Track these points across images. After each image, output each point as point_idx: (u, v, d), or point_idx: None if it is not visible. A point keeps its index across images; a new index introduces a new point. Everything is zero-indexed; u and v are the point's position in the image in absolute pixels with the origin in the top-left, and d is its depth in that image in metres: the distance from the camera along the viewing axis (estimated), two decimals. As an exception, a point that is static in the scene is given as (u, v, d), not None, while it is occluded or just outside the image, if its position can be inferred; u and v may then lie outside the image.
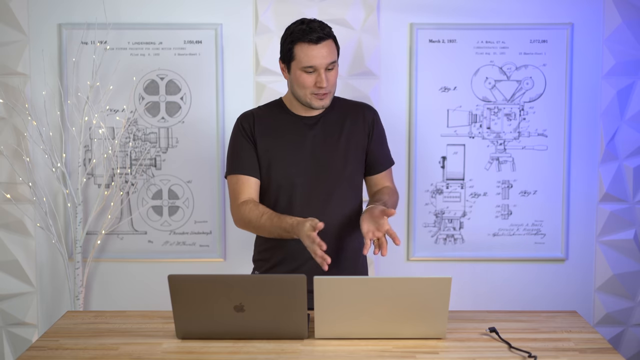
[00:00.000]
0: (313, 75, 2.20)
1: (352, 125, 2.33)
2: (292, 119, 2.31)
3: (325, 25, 2.22)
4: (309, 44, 2.17)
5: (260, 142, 2.29)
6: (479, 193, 3.12)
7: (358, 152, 2.33)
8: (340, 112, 2.34)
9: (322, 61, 2.18)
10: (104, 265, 3.15)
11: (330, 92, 2.24)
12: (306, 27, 2.18)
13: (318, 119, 2.31)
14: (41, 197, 3.05)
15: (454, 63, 3.06)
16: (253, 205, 2.26)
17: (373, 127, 2.35)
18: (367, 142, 2.34)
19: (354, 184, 2.34)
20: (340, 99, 2.39)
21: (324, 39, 2.18)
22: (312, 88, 2.20)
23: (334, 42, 2.23)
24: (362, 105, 2.40)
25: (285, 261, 2.30)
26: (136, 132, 3.08)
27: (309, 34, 2.17)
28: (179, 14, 3.04)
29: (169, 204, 3.12)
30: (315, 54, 2.17)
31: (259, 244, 2.40)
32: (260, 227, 2.23)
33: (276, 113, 2.33)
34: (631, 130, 3.09)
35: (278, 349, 1.85)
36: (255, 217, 2.23)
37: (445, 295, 1.84)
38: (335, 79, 2.24)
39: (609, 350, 1.87)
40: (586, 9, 3.04)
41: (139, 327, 2.03)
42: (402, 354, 1.82)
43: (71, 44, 3.03)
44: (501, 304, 3.12)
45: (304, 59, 2.18)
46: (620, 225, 3.13)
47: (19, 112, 3.03)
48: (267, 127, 2.30)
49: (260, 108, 2.38)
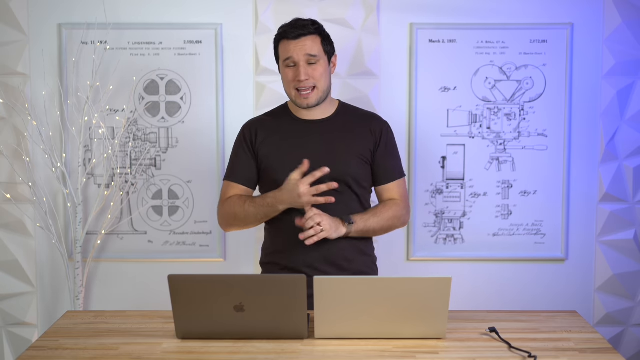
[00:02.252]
0: (293, 70, 2.25)
1: (358, 133, 2.32)
2: (295, 123, 2.33)
3: (310, 24, 2.26)
4: (288, 40, 2.25)
5: (262, 149, 2.31)
6: (479, 193, 3.12)
7: (362, 161, 2.31)
8: (346, 119, 2.34)
9: (300, 53, 2.22)
10: (104, 265, 3.15)
11: (317, 89, 2.25)
12: (289, 25, 2.27)
13: (322, 123, 2.32)
14: (41, 197, 3.05)
15: (454, 63, 3.06)
16: (236, 198, 2.29)
17: (381, 137, 2.34)
18: (372, 151, 2.33)
19: (357, 191, 2.32)
20: (349, 106, 2.40)
21: (303, 35, 2.24)
22: (294, 82, 2.24)
23: (321, 39, 2.27)
24: (372, 116, 2.40)
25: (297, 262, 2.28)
26: (136, 132, 3.08)
27: (289, 30, 2.25)
28: (179, 14, 3.04)
29: (169, 204, 3.12)
30: (293, 47, 2.24)
31: (266, 247, 2.40)
32: (246, 215, 2.25)
33: (281, 118, 2.36)
34: (631, 130, 3.09)
35: (278, 349, 1.85)
36: (239, 206, 2.26)
37: (445, 295, 1.84)
38: (319, 75, 2.25)
39: (609, 350, 1.87)
40: (586, 9, 3.04)
41: (139, 327, 2.03)
42: (402, 354, 1.82)
43: (71, 44, 3.03)
44: (501, 304, 3.12)
45: (283, 53, 2.26)
46: (620, 225, 3.13)
47: (19, 112, 3.03)
48: (271, 132, 2.32)
49: (265, 114, 2.42)
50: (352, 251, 2.30)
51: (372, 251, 2.41)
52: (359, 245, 2.32)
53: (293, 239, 2.19)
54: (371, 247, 2.41)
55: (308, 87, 2.24)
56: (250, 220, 2.28)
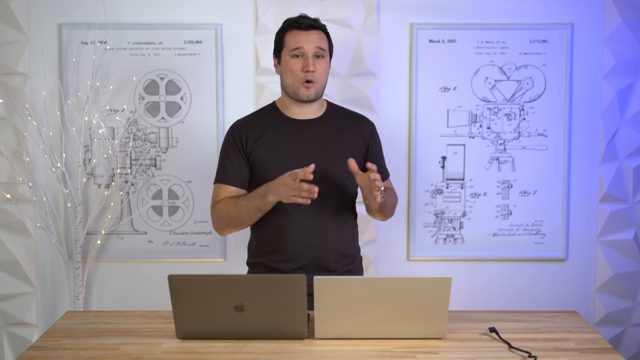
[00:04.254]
0: (301, 60, 2.22)
1: (348, 134, 2.32)
2: (285, 123, 2.29)
3: (317, 20, 2.28)
4: (298, 30, 2.24)
5: (253, 149, 2.27)
6: (479, 193, 3.12)
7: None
8: (335, 119, 2.33)
9: (310, 45, 2.21)
10: (104, 265, 3.15)
11: (318, 82, 2.23)
12: (297, 17, 2.27)
13: (312, 123, 2.30)
14: (41, 197, 3.05)
15: (454, 63, 3.06)
16: (228, 199, 2.26)
17: (371, 140, 2.35)
18: (364, 154, 2.33)
19: (346, 192, 2.30)
20: (337, 107, 2.39)
21: (313, 28, 2.24)
22: (300, 74, 2.21)
23: (326, 36, 2.28)
24: (360, 117, 2.40)
25: (281, 267, 2.26)
26: (136, 132, 3.08)
27: (299, 20, 2.24)
28: (179, 14, 3.05)
29: (169, 204, 3.12)
30: (304, 38, 2.22)
31: (253, 248, 2.37)
32: (238, 211, 2.22)
33: (269, 117, 2.32)
34: (631, 130, 3.10)
35: (278, 349, 1.85)
36: (232, 204, 2.23)
37: (445, 295, 1.84)
38: (323, 70, 2.24)
39: (609, 350, 1.87)
40: (586, 9, 3.04)
41: (139, 327, 2.03)
42: (402, 354, 1.82)
43: (71, 44, 3.03)
44: (501, 304, 3.12)
45: (292, 43, 2.23)
46: (620, 225, 3.13)
47: (19, 112, 3.03)
48: (260, 133, 2.28)
49: (253, 114, 2.38)
50: (338, 252, 2.29)
51: (357, 251, 2.41)
52: (344, 245, 2.32)
53: (282, 238, 2.21)
54: (357, 247, 2.41)
55: (313, 80, 2.22)
56: (243, 217, 2.23)
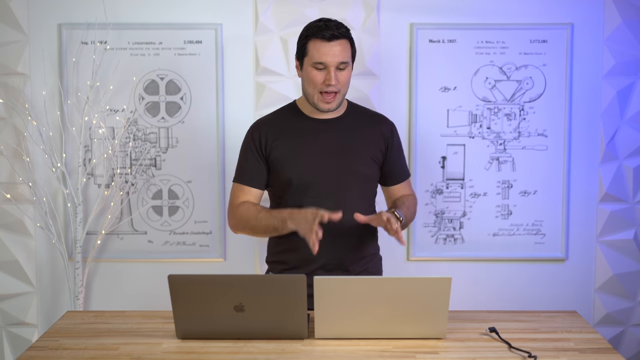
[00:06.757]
0: (323, 73, 2.19)
1: (368, 134, 2.32)
2: (305, 122, 2.30)
3: (342, 26, 2.22)
4: (321, 41, 2.18)
5: (272, 149, 2.28)
6: (479, 193, 3.12)
7: (371, 161, 2.31)
8: (356, 119, 2.34)
9: (333, 59, 2.17)
10: (104, 265, 3.15)
11: (339, 93, 2.22)
12: (322, 24, 2.20)
13: (333, 122, 2.30)
14: (41, 197, 3.05)
15: (454, 63, 3.06)
16: (250, 204, 2.28)
17: (391, 139, 2.35)
18: (384, 153, 2.34)
19: (366, 191, 2.33)
20: (357, 106, 2.40)
21: (337, 38, 2.18)
22: (321, 86, 2.19)
23: (350, 44, 2.23)
24: (381, 117, 2.41)
25: (301, 266, 2.27)
26: (136, 132, 3.08)
27: (323, 30, 2.18)
28: (179, 14, 3.04)
29: (169, 204, 3.12)
30: (327, 51, 2.17)
31: (272, 246, 2.39)
32: (257, 223, 2.23)
33: (290, 117, 2.32)
34: (631, 130, 3.10)
35: (278, 349, 1.85)
36: (253, 214, 2.25)
37: (445, 295, 1.85)
38: (346, 80, 2.22)
39: (609, 350, 1.87)
40: (586, 9, 3.04)
41: (139, 327, 2.03)
42: (402, 354, 1.82)
43: (71, 44, 3.03)
44: (501, 304, 3.12)
45: (315, 55, 2.18)
46: (620, 225, 3.13)
47: (19, 112, 3.03)
48: (280, 132, 2.29)
49: (273, 114, 2.38)
50: (357, 252, 2.31)
51: (377, 250, 2.42)
52: (363, 245, 2.33)
53: (302, 237, 2.18)
54: (376, 246, 2.42)
55: (333, 92, 2.21)
56: (259, 230, 2.26)
